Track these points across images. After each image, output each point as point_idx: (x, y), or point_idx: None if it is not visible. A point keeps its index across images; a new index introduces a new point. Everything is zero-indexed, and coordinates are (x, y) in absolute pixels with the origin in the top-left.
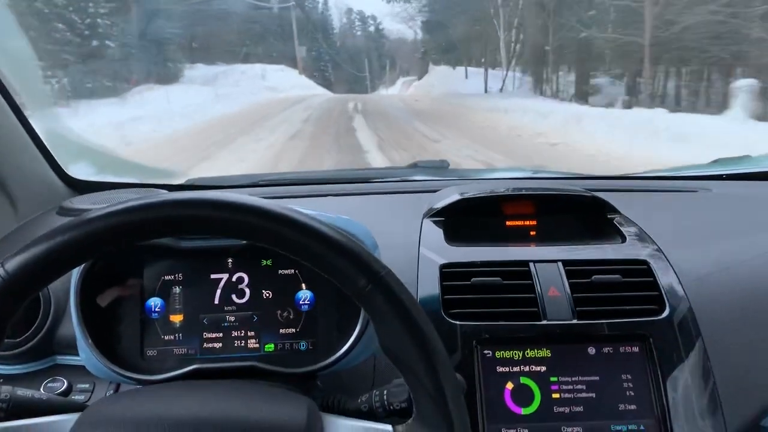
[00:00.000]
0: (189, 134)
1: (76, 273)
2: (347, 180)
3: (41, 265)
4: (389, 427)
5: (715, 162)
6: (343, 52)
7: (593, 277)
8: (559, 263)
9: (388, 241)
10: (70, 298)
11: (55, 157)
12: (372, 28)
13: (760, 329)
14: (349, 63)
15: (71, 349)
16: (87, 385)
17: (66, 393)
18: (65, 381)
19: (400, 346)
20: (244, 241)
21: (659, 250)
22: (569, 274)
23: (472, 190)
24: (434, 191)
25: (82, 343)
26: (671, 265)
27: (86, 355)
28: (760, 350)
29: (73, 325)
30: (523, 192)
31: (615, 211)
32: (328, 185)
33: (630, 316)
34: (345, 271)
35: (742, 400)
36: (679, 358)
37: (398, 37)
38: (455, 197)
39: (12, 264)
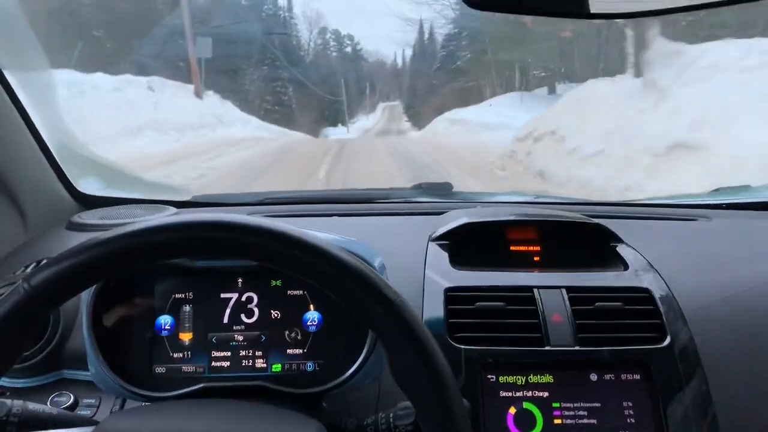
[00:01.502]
0: None
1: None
2: (352, 200)
3: (64, 281)
4: None
5: (716, 191)
6: (312, 71)
7: (596, 304)
8: (563, 290)
9: (394, 263)
10: (81, 313)
11: (65, 172)
12: (349, 49)
13: (760, 359)
14: (321, 86)
15: (79, 363)
16: (93, 400)
17: (72, 407)
18: (71, 395)
19: (411, 375)
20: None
21: (661, 278)
22: (572, 301)
23: (478, 215)
24: (439, 213)
25: (93, 358)
26: (672, 294)
27: (96, 369)
28: (761, 380)
29: (84, 339)
30: (529, 218)
31: (617, 238)
32: (333, 204)
33: (632, 344)
34: (360, 298)
35: (742, 430)
36: (680, 387)
37: (377, 59)
38: (461, 221)
39: (36, 279)
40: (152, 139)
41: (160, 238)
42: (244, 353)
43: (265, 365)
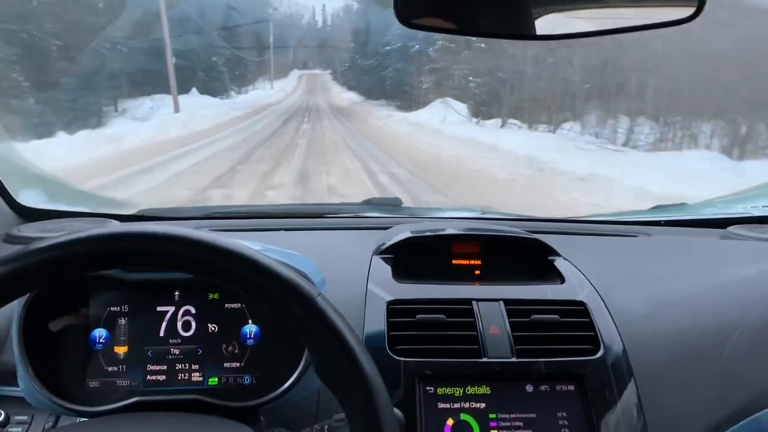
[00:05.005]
0: None
1: (19, 301)
2: (300, 214)
3: None
4: None
5: (655, 209)
6: None
7: (532, 317)
8: (501, 302)
9: (338, 276)
10: (11, 327)
11: (5, 184)
12: None
13: (689, 369)
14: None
15: (9, 379)
16: (25, 417)
17: (3, 425)
18: (2, 412)
19: (335, 370)
20: (191, 275)
21: (596, 292)
22: (510, 313)
23: (422, 229)
24: (386, 228)
25: (23, 373)
26: (607, 307)
27: (26, 385)
28: (690, 390)
29: (14, 354)
30: (470, 233)
31: (556, 253)
32: (281, 219)
33: (566, 356)
34: (277, 297)
35: None
36: (612, 398)
37: (292, 12)
38: (404, 235)
39: None
40: None
41: (81, 250)
42: (180, 366)
43: (201, 379)
